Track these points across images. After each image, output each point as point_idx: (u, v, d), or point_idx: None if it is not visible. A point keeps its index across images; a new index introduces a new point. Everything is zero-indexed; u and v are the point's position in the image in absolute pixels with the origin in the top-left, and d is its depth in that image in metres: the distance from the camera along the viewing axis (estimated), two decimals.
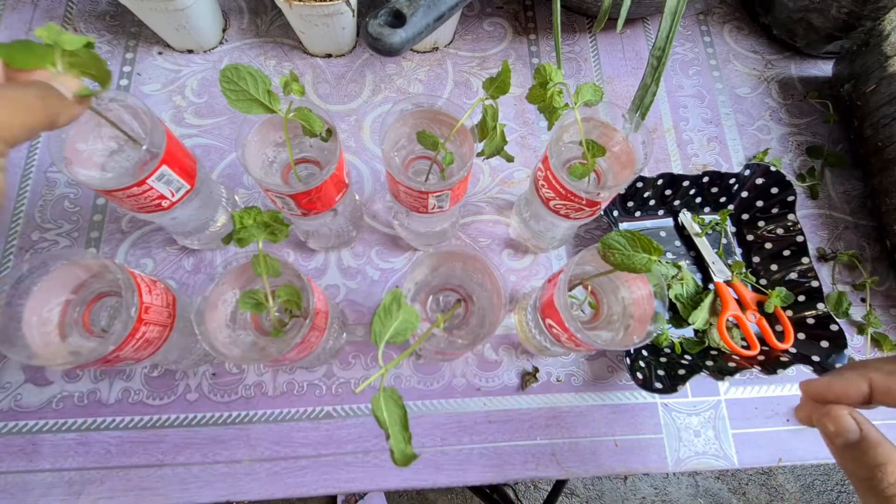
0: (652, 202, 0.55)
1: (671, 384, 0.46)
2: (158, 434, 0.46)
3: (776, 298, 0.50)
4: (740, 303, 0.52)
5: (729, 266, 0.54)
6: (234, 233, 0.34)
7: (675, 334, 0.52)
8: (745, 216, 0.56)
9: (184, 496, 0.45)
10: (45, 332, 0.36)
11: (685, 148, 0.61)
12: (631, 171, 0.40)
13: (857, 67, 0.58)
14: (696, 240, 0.54)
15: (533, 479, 0.47)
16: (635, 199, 0.55)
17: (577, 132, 0.41)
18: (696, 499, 1.28)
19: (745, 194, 0.55)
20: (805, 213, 0.58)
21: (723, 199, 0.56)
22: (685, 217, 0.55)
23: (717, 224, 0.56)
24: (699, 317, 0.50)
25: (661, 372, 0.48)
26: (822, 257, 0.56)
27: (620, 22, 0.50)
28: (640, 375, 0.47)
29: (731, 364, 0.48)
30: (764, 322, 0.50)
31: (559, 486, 0.93)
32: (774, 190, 0.53)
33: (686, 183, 0.53)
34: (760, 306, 0.52)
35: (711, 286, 0.53)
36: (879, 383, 0.26)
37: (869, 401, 0.27)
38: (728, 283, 0.52)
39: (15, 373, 0.48)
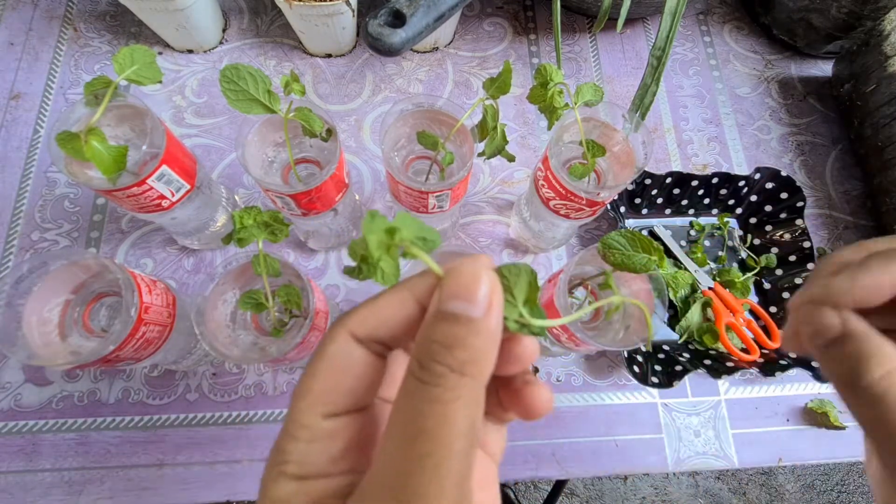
0: (660, 200, 0.55)
1: (667, 379, 0.46)
2: (158, 434, 0.46)
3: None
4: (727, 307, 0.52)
5: (713, 273, 0.54)
6: (234, 233, 0.34)
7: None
8: (752, 220, 0.56)
9: (184, 496, 0.45)
10: (45, 332, 0.36)
11: (685, 148, 0.61)
12: (631, 171, 0.40)
13: (857, 67, 0.58)
14: (675, 250, 0.54)
15: (533, 479, 0.47)
16: (643, 196, 0.55)
17: (577, 132, 0.41)
18: (696, 499, 1.28)
19: (753, 198, 0.55)
20: (805, 213, 0.58)
21: (731, 202, 0.56)
22: (659, 228, 0.55)
23: (718, 228, 0.56)
24: (685, 325, 0.51)
25: (657, 367, 0.48)
26: (822, 257, 0.57)
27: (620, 22, 0.50)
28: (636, 369, 0.47)
29: (730, 364, 0.48)
30: (754, 324, 0.50)
31: (559, 486, 0.93)
32: (784, 195, 0.53)
33: (695, 182, 0.53)
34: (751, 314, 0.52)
35: (699, 293, 0.52)
36: None
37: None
38: (711, 289, 0.52)
39: (15, 373, 0.48)
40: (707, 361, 0.48)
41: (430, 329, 0.16)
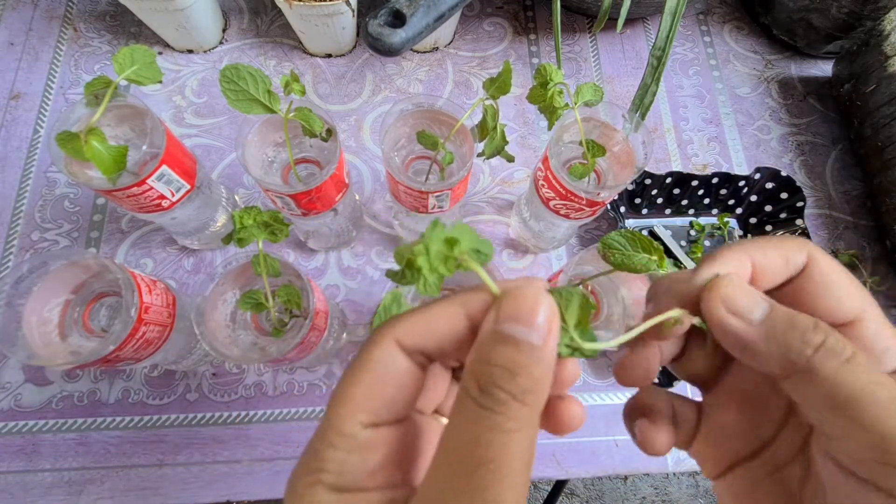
0: (660, 200, 0.55)
1: (667, 379, 0.46)
2: (158, 434, 0.46)
3: None
4: None
5: None
6: (234, 233, 0.34)
7: None
8: (752, 220, 0.56)
9: (184, 496, 0.45)
10: (45, 332, 0.36)
11: (685, 148, 0.61)
12: (631, 171, 0.40)
13: (857, 67, 0.58)
14: (675, 250, 0.54)
15: (533, 479, 0.47)
16: (643, 196, 0.55)
17: (577, 132, 0.41)
18: (696, 499, 1.28)
19: (753, 198, 0.55)
20: (805, 213, 0.58)
21: (731, 202, 0.56)
22: (659, 228, 0.55)
23: (718, 228, 0.56)
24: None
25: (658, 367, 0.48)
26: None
27: (620, 22, 0.50)
28: None
29: None
30: None
31: (559, 486, 0.93)
32: (784, 195, 0.53)
33: (695, 182, 0.53)
34: None
35: None
36: (767, 259, 0.18)
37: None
38: None
39: (15, 373, 0.47)
40: None
41: (488, 351, 0.15)
